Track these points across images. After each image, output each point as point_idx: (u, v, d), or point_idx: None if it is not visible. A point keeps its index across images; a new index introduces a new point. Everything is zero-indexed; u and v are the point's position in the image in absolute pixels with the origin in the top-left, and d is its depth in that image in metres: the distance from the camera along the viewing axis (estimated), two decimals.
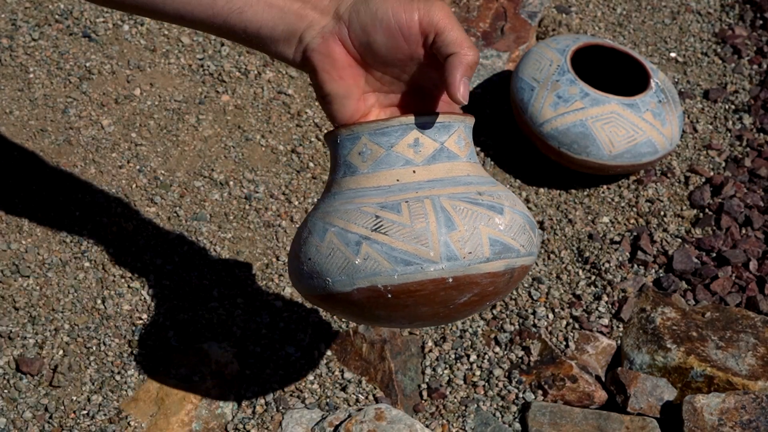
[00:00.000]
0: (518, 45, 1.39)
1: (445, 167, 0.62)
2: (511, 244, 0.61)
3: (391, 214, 0.59)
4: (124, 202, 1.13)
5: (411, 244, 0.58)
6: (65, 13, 1.30)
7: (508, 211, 0.62)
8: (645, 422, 0.98)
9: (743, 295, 1.12)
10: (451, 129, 0.63)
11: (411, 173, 0.62)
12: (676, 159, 1.30)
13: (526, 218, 0.63)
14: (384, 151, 0.62)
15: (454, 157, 0.63)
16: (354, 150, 0.63)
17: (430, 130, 0.62)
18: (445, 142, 0.63)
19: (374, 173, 0.62)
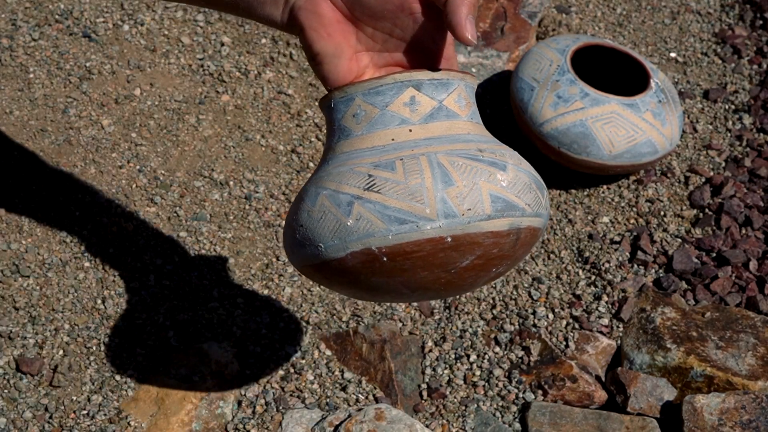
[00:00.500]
0: (518, 45, 1.39)
1: (444, 125, 0.59)
2: (515, 202, 0.57)
3: (385, 173, 0.56)
4: (124, 202, 1.13)
5: (406, 201, 0.55)
6: (65, 13, 1.30)
7: (511, 168, 0.58)
8: (645, 422, 0.98)
9: (743, 295, 1.12)
10: (450, 87, 0.60)
11: (407, 132, 0.58)
12: (676, 159, 1.30)
13: (532, 177, 0.60)
14: (378, 111, 0.59)
15: (453, 116, 0.59)
16: (348, 113, 0.59)
17: (428, 88, 0.59)
18: (444, 100, 0.59)
19: (369, 134, 0.58)
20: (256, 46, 1.33)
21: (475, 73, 1.34)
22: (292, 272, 1.10)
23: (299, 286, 1.09)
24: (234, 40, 1.33)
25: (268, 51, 1.33)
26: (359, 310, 1.08)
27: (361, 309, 1.08)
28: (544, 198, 0.61)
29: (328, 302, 1.08)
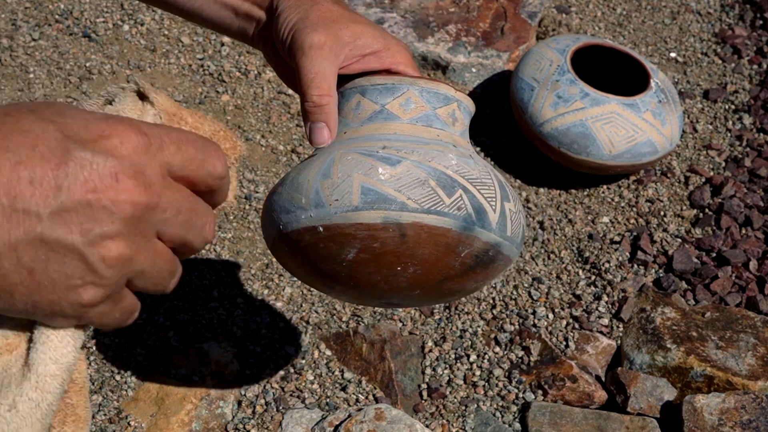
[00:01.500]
0: (518, 45, 1.39)
1: (375, 126, 0.62)
2: (390, 195, 0.57)
3: (294, 171, 0.61)
4: None
5: (291, 192, 0.59)
6: (65, 13, 1.30)
7: (407, 165, 0.58)
8: (645, 422, 0.98)
9: (743, 295, 1.12)
10: (397, 91, 0.62)
11: (343, 134, 0.62)
12: (676, 159, 1.30)
13: (440, 177, 0.58)
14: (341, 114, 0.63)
15: (392, 118, 0.62)
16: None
17: (372, 94, 0.62)
18: (387, 104, 0.62)
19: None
20: None
21: (475, 73, 1.34)
22: None
23: (299, 286, 1.09)
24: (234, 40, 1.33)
25: None
26: (359, 310, 1.08)
27: (361, 309, 1.08)
28: (451, 197, 0.59)
29: (328, 302, 1.08)
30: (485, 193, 0.60)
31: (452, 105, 0.64)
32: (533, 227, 1.20)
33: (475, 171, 0.60)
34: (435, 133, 0.63)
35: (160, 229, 0.36)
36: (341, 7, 0.62)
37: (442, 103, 0.64)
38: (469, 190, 0.59)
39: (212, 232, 0.39)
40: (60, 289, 0.34)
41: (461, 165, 0.60)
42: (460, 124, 0.64)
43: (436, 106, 0.63)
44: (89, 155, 0.33)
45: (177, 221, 0.37)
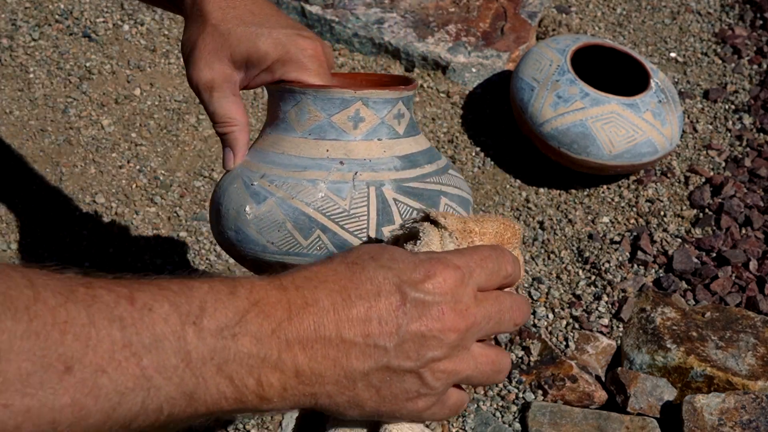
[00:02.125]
0: (518, 45, 1.39)
1: (275, 139, 0.63)
2: (253, 237, 0.60)
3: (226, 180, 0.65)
4: (124, 202, 1.13)
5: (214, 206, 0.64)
6: (65, 13, 1.30)
7: (270, 203, 0.60)
8: (645, 422, 0.98)
9: (743, 295, 1.12)
10: (293, 100, 0.61)
11: (259, 139, 0.65)
12: (676, 159, 1.30)
13: (297, 218, 0.60)
14: (268, 108, 0.65)
15: (289, 130, 0.62)
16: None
17: (279, 98, 0.62)
18: (287, 112, 0.62)
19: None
20: None
21: (475, 73, 1.34)
22: None
23: None
24: None
25: None
26: None
27: None
28: (311, 240, 0.60)
29: None
30: (351, 227, 0.59)
31: (353, 106, 0.61)
32: (533, 227, 1.20)
33: (345, 201, 0.59)
34: (324, 148, 0.61)
35: (477, 337, 0.45)
36: (233, 10, 0.62)
37: (338, 108, 0.61)
38: (329, 229, 0.59)
39: (522, 316, 0.47)
40: (400, 401, 0.44)
41: (326, 200, 0.59)
42: (367, 124, 0.62)
43: (331, 114, 0.61)
44: (421, 295, 0.42)
45: (489, 326, 0.45)
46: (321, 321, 0.41)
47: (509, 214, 1.21)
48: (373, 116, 0.62)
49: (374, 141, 0.62)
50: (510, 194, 1.24)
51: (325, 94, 0.60)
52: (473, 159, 1.26)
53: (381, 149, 0.63)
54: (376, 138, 0.62)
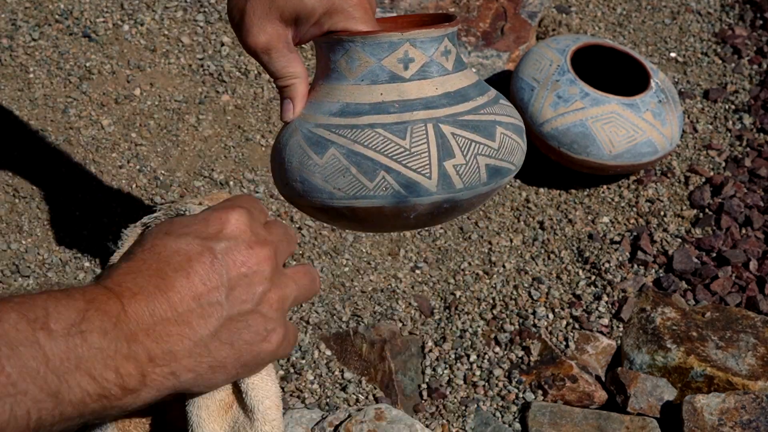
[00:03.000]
0: (518, 45, 1.39)
1: (329, 89, 0.65)
2: (319, 185, 0.63)
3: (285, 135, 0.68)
4: (124, 202, 1.13)
5: (276, 162, 0.68)
6: (65, 13, 1.30)
7: (332, 152, 0.62)
8: (645, 422, 0.98)
9: (743, 295, 1.12)
10: (342, 49, 0.64)
11: (312, 90, 0.66)
12: (676, 159, 1.29)
13: (360, 162, 0.62)
14: (317, 62, 0.67)
15: (341, 78, 0.64)
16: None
17: (328, 50, 0.64)
18: (338, 61, 0.64)
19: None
20: None
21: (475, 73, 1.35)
22: None
23: None
24: (234, 39, 1.33)
25: None
26: (359, 310, 1.08)
27: (361, 309, 1.08)
28: (377, 182, 0.62)
29: (328, 302, 1.08)
30: (414, 164, 0.61)
31: (401, 48, 0.63)
32: (533, 227, 1.20)
33: (405, 141, 0.61)
34: (378, 93, 0.63)
35: (283, 259, 0.48)
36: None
37: (387, 51, 0.63)
38: (393, 169, 0.61)
39: (291, 231, 0.51)
40: (255, 345, 0.45)
41: (387, 140, 0.61)
42: (417, 64, 0.63)
43: (381, 58, 0.63)
44: (225, 243, 0.45)
45: (285, 246, 0.49)
46: (152, 305, 0.42)
47: (509, 214, 1.21)
48: (421, 56, 0.63)
49: (425, 80, 0.64)
50: (510, 194, 1.23)
51: (372, 39, 0.62)
52: None
53: (433, 87, 0.64)
54: (426, 77, 0.64)
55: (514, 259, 1.16)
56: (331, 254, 1.13)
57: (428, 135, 0.62)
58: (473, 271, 1.14)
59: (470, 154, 0.63)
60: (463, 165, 0.63)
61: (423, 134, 0.62)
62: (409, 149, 0.62)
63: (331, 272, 1.12)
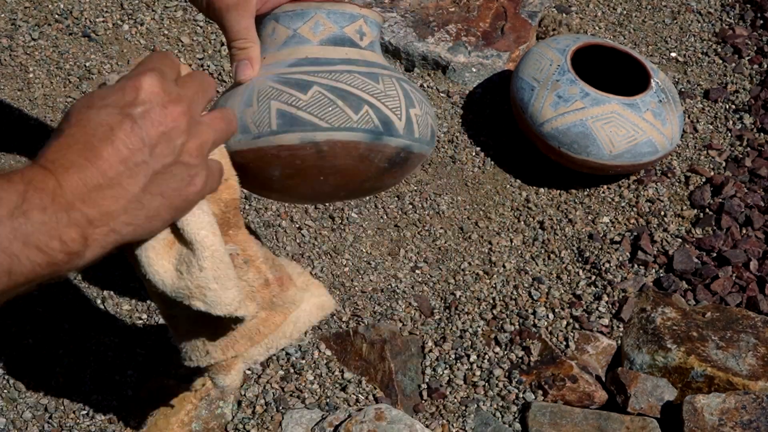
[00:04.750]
0: (518, 45, 1.39)
1: (290, 51, 0.70)
2: (304, 117, 0.65)
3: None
4: None
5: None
6: (65, 12, 1.30)
7: (317, 88, 0.66)
8: (645, 422, 0.97)
9: (743, 295, 1.12)
10: (306, 16, 0.70)
11: (263, 59, 0.70)
12: (676, 159, 1.29)
13: (346, 96, 0.66)
14: (260, 39, 0.72)
15: (304, 41, 0.70)
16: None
17: (285, 20, 0.71)
18: (299, 28, 0.70)
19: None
20: None
21: (475, 72, 1.34)
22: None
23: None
24: None
25: None
26: (359, 310, 1.08)
27: (361, 309, 1.08)
28: (360, 115, 0.67)
29: None
30: (390, 104, 0.68)
31: (358, 22, 0.72)
32: (533, 227, 1.20)
33: (379, 85, 0.68)
34: (343, 52, 0.70)
35: (199, 110, 0.53)
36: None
37: (348, 21, 0.71)
38: (374, 105, 0.67)
39: (208, 80, 0.56)
40: (183, 190, 0.51)
41: (366, 82, 0.68)
42: (368, 38, 0.72)
43: (343, 26, 0.71)
44: (141, 108, 0.49)
45: (201, 97, 0.54)
46: (84, 175, 0.47)
47: (509, 214, 1.21)
48: (370, 33, 0.74)
49: (374, 52, 0.73)
50: (510, 194, 1.23)
51: (339, 8, 0.71)
52: (473, 159, 1.26)
53: (381, 59, 0.74)
54: (375, 50, 0.74)
55: (514, 259, 1.16)
56: (331, 254, 1.13)
57: (395, 85, 0.70)
58: (473, 271, 1.14)
59: (423, 109, 0.73)
60: (420, 116, 0.72)
61: (392, 83, 0.70)
62: (384, 92, 0.69)
63: (331, 272, 1.12)
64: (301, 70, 0.68)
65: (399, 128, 0.69)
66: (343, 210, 1.18)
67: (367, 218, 1.18)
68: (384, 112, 0.68)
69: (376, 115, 0.68)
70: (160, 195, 0.50)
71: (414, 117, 0.71)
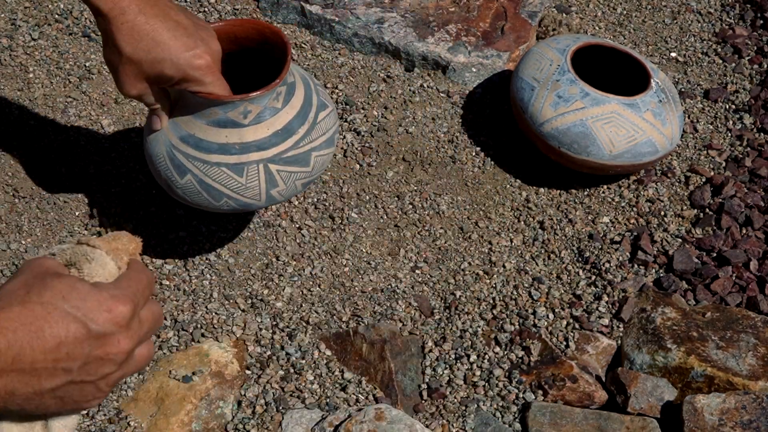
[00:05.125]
0: (518, 45, 1.39)
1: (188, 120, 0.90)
2: (179, 194, 0.92)
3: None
4: (123, 202, 1.13)
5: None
6: (65, 12, 1.30)
7: (189, 177, 0.89)
8: (645, 422, 0.97)
9: (743, 295, 1.12)
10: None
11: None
12: (676, 159, 1.29)
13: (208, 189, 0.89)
14: None
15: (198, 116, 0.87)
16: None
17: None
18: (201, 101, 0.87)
19: None
20: None
21: (475, 72, 1.34)
22: (292, 272, 1.10)
23: (299, 286, 1.09)
24: None
25: None
26: (359, 310, 1.08)
27: (361, 309, 1.08)
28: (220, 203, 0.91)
29: (328, 302, 1.08)
30: (248, 195, 0.90)
31: (242, 105, 0.86)
32: (533, 227, 1.20)
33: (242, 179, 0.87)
34: (224, 134, 0.87)
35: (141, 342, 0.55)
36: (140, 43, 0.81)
37: (231, 108, 0.86)
38: (233, 197, 0.90)
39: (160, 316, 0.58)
40: (78, 403, 0.53)
41: (229, 178, 0.89)
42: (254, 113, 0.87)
43: (227, 111, 0.86)
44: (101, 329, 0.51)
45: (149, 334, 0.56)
46: (19, 356, 0.48)
47: (509, 214, 1.21)
48: (257, 107, 0.85)
49: (260, 124, 0.86)
50: (510, 194, 1.23)
51: (222, 101, 0.84)
52: (473, 159, 1.26)
53: (265, 128, 0.86)
54: (261, 121, 0.86)
55: (514, 259, 1.16)
56: (331, 254, 1.13)
57: (259, 173, 0.86)
58: (473, 271, 1.14)
59: (290, 181, 0.88)
60: (284, 189, 0.89)
61: (255, 173, 0.86)
62: (245, 184, 0.87)
63: (331, 272, 1.12)
64: (185, 152, 0.87)
65: (259, 205, 0.90)
66: (343, 210, 1.18)
67: (367, 218, 1.18)
68: (242, 201, 0.88)
69: (235, 203, 0.89)
70: (60, 399, 0.52)
71: (276, 193, 0.89)
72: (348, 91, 1.29)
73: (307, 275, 1.10)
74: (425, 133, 1.27)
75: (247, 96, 0.83)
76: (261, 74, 0.91)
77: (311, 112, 0.89)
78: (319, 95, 0.92)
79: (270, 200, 0.88)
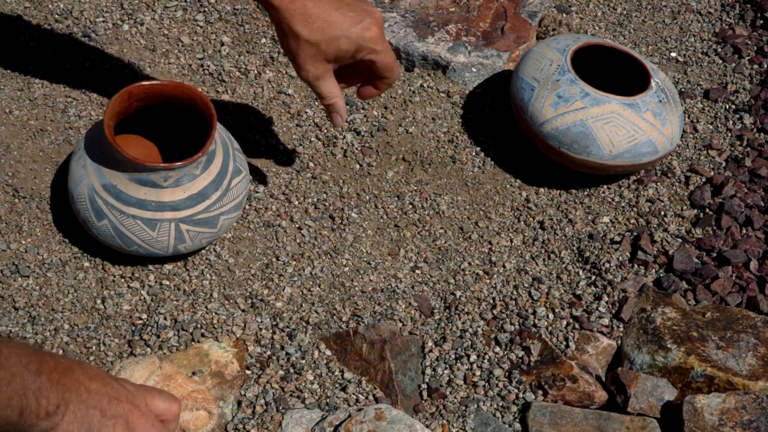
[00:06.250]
0: (518, 45, 1.39)
1: (112, 172, 0.98)
2: (97, 236, 1.01)
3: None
4: None
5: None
6: (65, 12, 1.30)
7: (106, 222, 0.98)
8: (645, 422, 0.97)
9: (744, 295, 1.12)
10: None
11: None
12: (676, 159, 1.29)
13: (121, 236, 0.99)
14: None
15: (122, 171, 0.96)
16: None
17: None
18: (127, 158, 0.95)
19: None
20: (256, 45, 1.33)
21: (475, 72, 1.34)
22: (292, 272, 1.10)
23: (299, 286, 1.09)
24: (234, 39, 1.33)
25: (267, 51, 1.33)
26: (359, 310, 1.08)
27: (361, 309, 1.08)
28: (130, 249, 1.02)
29: (328, 302, 1.08)
30: (157, 246, 0.99)
31: (164, 172, 0.95)
32: (533, 227, 1.20)
33: (154, 233, 0.97)
34: (143, 191, 0.96)
35: None
36: (315, 23, 0.87)
37: (154, 173, 0.95)
38: (143, 246, 1.00)
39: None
40: None
41: (142, 230, 0.98)
42: (173, 178, 0.95)
43: (149, 173, 0.95)
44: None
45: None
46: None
47: (509, 214, 1.21)
48: (177, 174, 0.94)
49: (178, 187, 0.94)
50: (510, 194, 1.23)
51: (144, 167, 0.93)
52: (473, 159, 1.26)
53: (182, 192, 0.95)
54: (179, 185, 0.94)
55: (514, 259, 1.16)
56: (331, 254, 1.13)
57: (170, 231, 0.96)
58: (473, 271, 1.14)
59: (197, 239, 0.99)
60: (190, 245, 0.99)
61: (167, 230, 0.96)
62: (156, 238, 0.96)
63: (331, 272, 1.12)
64: (105, 199, 0.95)
65: (165, 255, 0.99)
66: (343, 210, 1.18)
67: (367, 218, 1.18)
68: (151, 251, 0.98)
69: (144, 252, 0.98)
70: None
71: (183, 248, 0.99)
72: (348, 91, 1.29)
73: (307, 275, 1.10)
74: (425, 133, 1.27)
75: (171, 165, 0.92)
76: (188, 123, 1.01)
77: (226, 179, 0.98)
78: (236, 161, 1.00)
79: (175, 252, 0.99)
